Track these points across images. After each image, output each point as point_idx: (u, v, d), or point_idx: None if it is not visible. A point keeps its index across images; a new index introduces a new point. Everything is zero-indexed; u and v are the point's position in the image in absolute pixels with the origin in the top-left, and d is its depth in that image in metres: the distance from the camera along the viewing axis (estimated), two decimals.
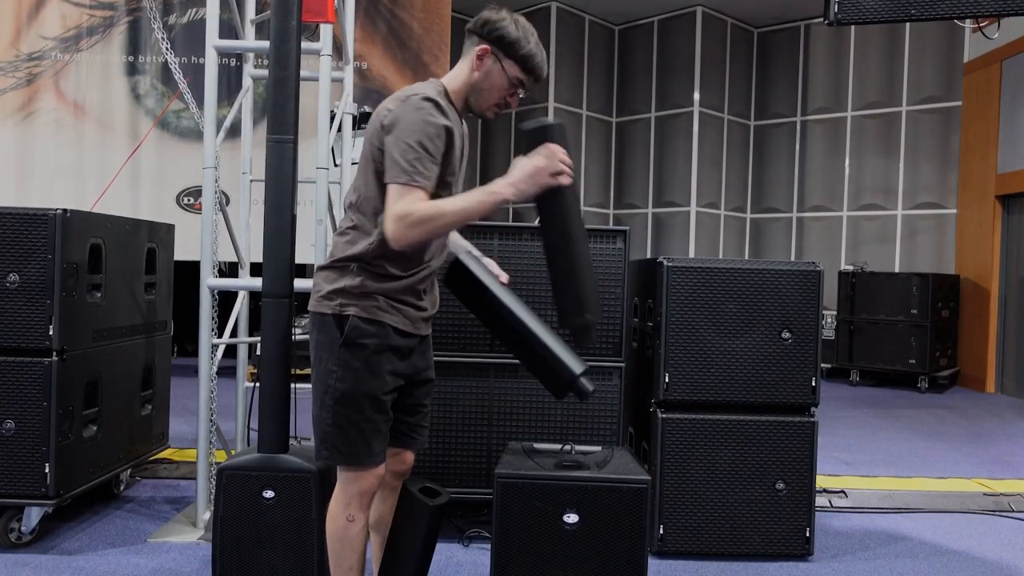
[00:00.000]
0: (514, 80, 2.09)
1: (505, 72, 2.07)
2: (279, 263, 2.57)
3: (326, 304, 2.05)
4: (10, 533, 3.04)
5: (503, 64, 2.07)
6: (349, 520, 2.11)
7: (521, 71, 2.09)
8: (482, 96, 2.11)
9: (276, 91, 2.58)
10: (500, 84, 2.09)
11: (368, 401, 2.04)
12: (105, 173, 6.96)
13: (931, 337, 7.67)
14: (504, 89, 2.10)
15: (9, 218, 2.97)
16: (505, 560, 2.27)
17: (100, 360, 3.32)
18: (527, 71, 2.09)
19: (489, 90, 2.10)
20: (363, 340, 2.02)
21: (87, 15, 6.99)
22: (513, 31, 2.05)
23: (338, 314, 2.03)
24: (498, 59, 2.07)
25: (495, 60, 2.07)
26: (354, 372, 2.02)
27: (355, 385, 2.03)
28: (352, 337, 2.02)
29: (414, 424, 2.25)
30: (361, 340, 2.02)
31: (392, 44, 7.42)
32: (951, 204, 8.56)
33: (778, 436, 3.17)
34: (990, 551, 3.36)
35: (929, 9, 2.88)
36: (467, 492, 3.23)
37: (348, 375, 2.02)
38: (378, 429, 2.07)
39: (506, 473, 2.28)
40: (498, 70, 2.08)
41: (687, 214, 9.49)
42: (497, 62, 2.07)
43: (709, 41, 9.49)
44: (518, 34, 2.06)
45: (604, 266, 3.19)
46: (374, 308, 2.03)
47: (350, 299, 2.03)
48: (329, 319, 2.04)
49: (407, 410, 2.22)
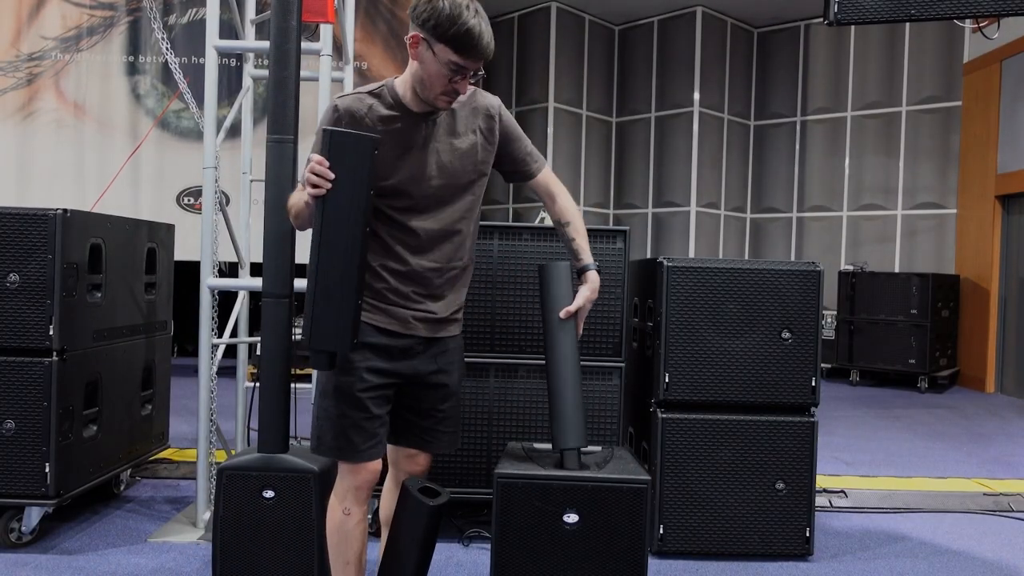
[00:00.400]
0: (449, 64, 1.91)
1: (437, 57, 1.91)
2: (279, 263, 2.57)
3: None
4: (10, 533, 3.04)
5: (434, 49, 1.90)
6: (345, 513, 2.13)
7: (455, 53, 1.89)
8: (424, 86, 1.97)
9: (276, 91, 2.58)
10: (436, 71, 1.92)
11: (341, 396, 2.06)
12: (105, 173, 6.96)
13: (931, 337, 7.67)
14: (443, 76, 1.93)
15: (9, 218, 2.98)
16: (505, 560, 2.27)
17: (100, 360, 3.32)
18: (462, 51, 1.89)
19: (428, 79, 1.94)
20: None
21: (87, 15, 6.99)
22: (442, 9, 1.87)
23: None
24: (429, 45, 1.91)
25: (427, 46, 1.91)
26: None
27: (329, 380, 2.07)
28: None
29: (427, 428, 2.23)
30: None
31: (392, 44, 7.42)
32: (951, 204, 8.56)
33: (778, 436, 3.17)
34: (990, 551, 3.37)
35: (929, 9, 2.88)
36: (467, 492, 3.23)
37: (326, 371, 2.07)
38: (358, 426, 2.07)
39: (506, 473, 2.28)
40: (430, 57, 1.91)
41: (687, 214, 9.49)
42: (428, 48, 1.91)
43: (709, 41, 9.49)
44: (448, 12, 1.86)
45: (604, 266, 3.19)
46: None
47: None
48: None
49: (418, 413, 2.21)
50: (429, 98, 1.99)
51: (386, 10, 7.42)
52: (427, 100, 2.00)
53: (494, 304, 3.22)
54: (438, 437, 2.25)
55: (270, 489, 2.49)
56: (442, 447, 2.27)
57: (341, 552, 2.16)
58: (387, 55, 7.42)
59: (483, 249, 3.20)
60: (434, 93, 1.98)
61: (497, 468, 2.31)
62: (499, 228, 3.23)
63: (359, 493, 2.13)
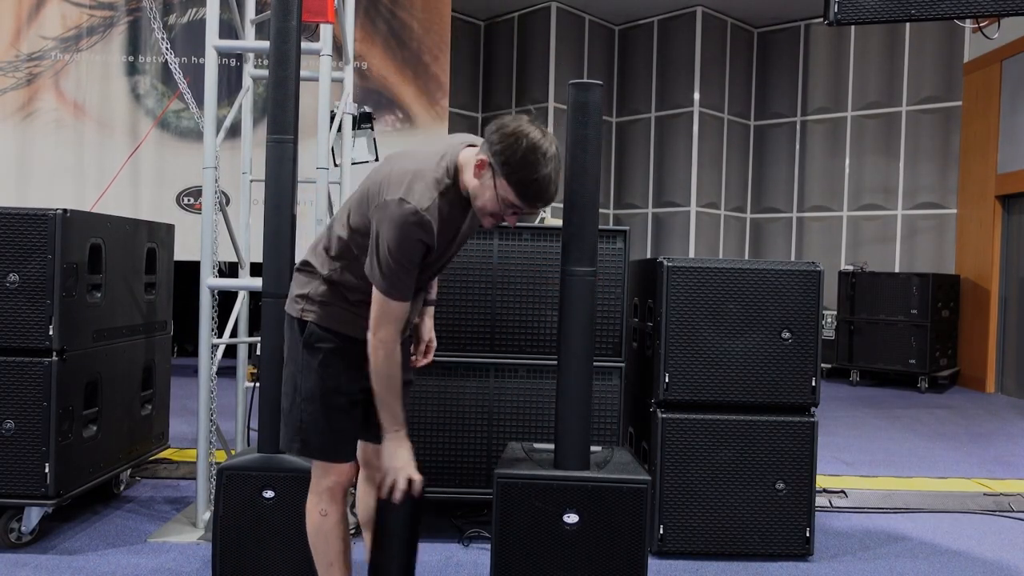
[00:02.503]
0: (507, 202, 1.92)
1: (497, 192, 1.92)
2: (279, 263, 2.57)
3: (293, 307, 2.16)
4: (10, 533, 3.04)
5: (496, 183, 1.91)
6: (322, 514, 2.16)
7: (516, 197, 1.91)
8: (476, 203, 1.98)
9: (276, 91, 2.58)
10: (492, 200, 1.93)
11: (328, 401, 2.11)
12: (105, 173, 6.96)
13: (931, 337, 7.67)
14: (496, 206, 1.94)
15: (9, 218, 2.97)
16: (505, 560, 2.27)
17: (100, 360, 3.32)
18: (523, 198, 1.91)
19: (483, 203, 1.96)
20: (319, 344, 2.10)
21: (87, 15, 6.99)
22: (518, 148, 1.87)
23: (300, 318, 2.13)
24: (494, 175, 1.91)
25: (491, 175, 1.91)
26: (313, 373, 2.11)
27: (315, 386, 2.11)
28: (310, 341, 2.11)
29: None
30: (317, 344, 2.11)
31: (392, 44, 7.42)
32: (951, 204, 8.56)
33: (778, 436, 3.17)
34: (990, 551, 3.36)
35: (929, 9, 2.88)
36: (467, 492, 3.23)
37: (309, 376, 2.11)
38: (342, 428, 2.14)
39: (506, 473, 2.28)
40: (491, 186, 1.92)
41: (687, 214, 9.49)
42: (494, 177, 1.91)
43: (709, 41, 9.49)
44: (523, 156, 1.87)
45: (604, 266, 3.19)
46: (331, 318, 2.11)
47: (312, 305, 2.12)
48: (294, 321, 2.15)
49: None
50: (478, 214, 2.01)
51: (386, 10, 7.41)
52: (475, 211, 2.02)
53: (494, 304, 3.22)
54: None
55: (270, 489, 2.49)
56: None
57: (323, 553, 2.19)
58: (387, 55, 7.42)
59: (483, 250, 3.20)
60: (483, 214, 2.00)
61: (497, 468, 2.31)
62: (499, 228, 3.22)
63: (334, 493, 2.16)
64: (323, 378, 2.10)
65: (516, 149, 1.87)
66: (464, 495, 3.24)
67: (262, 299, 2.61)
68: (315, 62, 3.29)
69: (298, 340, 2.14)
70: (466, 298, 3.21)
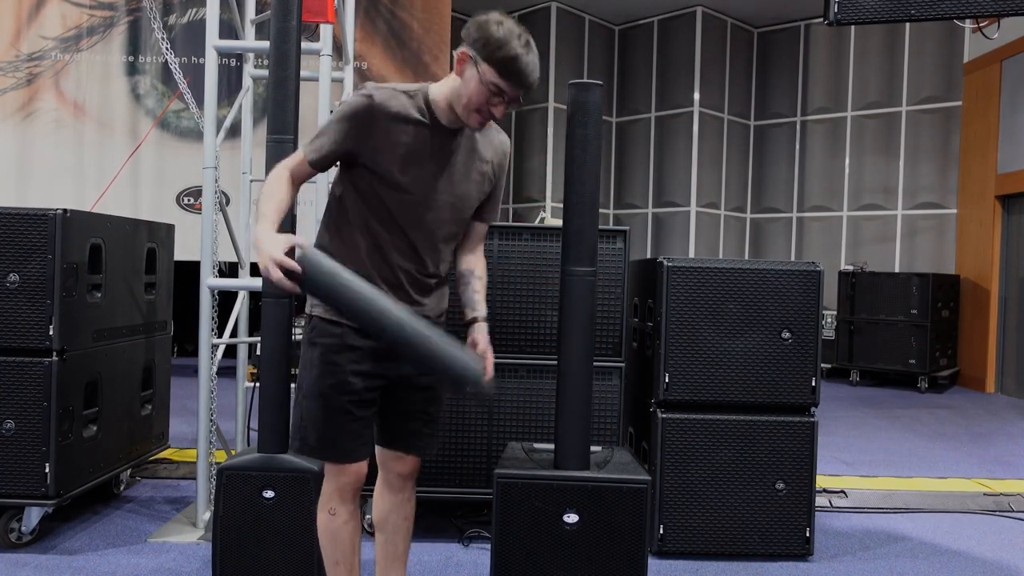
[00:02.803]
0: (491, 86, 1.95)
1: (480, 76, 1.94)
2: None
3: (307, 304, 2.15)
4: (10, 533, 3.04)
5: (479, 68, 1.94)
6: (331, 514, 2.14)
7: (498, 76, 1.93)
8: (461, 103, 1.99)
9: (276, 91, 2.58)
10: (477, 90, 1.95)
11: (326, 399, 2.07)
12: (105, 173, 6.96)
13: (931, 337, 7.67)
14: (482, 95, 1.96)
15: (9, 218, 2.97)
16: (505, 560, 2.27)
17: (100, 360, 3.32)
18: (505, 76, 1.93)
19: (467, 96, 1.97)
20: (321, 339, 2.07)
21: (87, 15, 6.98)
22: (495, 33, 1.92)
23: (308, 314, 2.12)
24: (476, 63, 1.94)
25: (473, 65, 1.95)
26: (313, 369, 2.08)
27: (314, 382, 2.08)
28: (312, 336, 2.09)
29: (413, 430, 2.22)
30: (319, 339, 2.08)
31: (392, 44, 7.42)
32: (951, 204, 8.56)
33: (778, 436, 3.17)
34: (990, 551, 3.36)
35: (929, 9, 2.88)
36: (467, 492, 3.23)
37: (309, 372, 2.09)
38: (343, 427, 2.08)
39: (506, 473, 2.28)
40: (474, 75, 1.95)
41: (687, 214, 9.49)
42: (475, 67, 1.95)
43: (709, 41, 9.49)
44: (499, 36, 1.92)
45: (604, 266, 3.19)
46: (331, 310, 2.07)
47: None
48: (306, 318, 2.14)
49: (404, 414, 2.20)
50: (463, 115, 2.01)
51: (386, 10, 7.41)
52: (461, 116, 2.02)
53: (494, 304, 3.22)
54: (422, 440, 2.24)
55: (270, 489, 2.49)
56: (424, 450, 2.26)
57: (330, 553, 2.18)
58: (387, 55, 7.42)
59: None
60: (469, 111, 1.99)
61: (497, 468, 2.31)
62: (499, 228, 3.22)
63: (343, 493, 2.14)
64: (323, 374, 2.06)
65: (494, 31, 1.93)
66: (464, 495, 3.24)
67: (262, 299, 2.61)
68: (315, 62, 3.29)
69: (305, 337, 2.12)
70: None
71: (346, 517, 2.15)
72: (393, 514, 2.29)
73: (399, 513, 2.29)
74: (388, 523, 2.30)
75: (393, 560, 2.31)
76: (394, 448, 2.22)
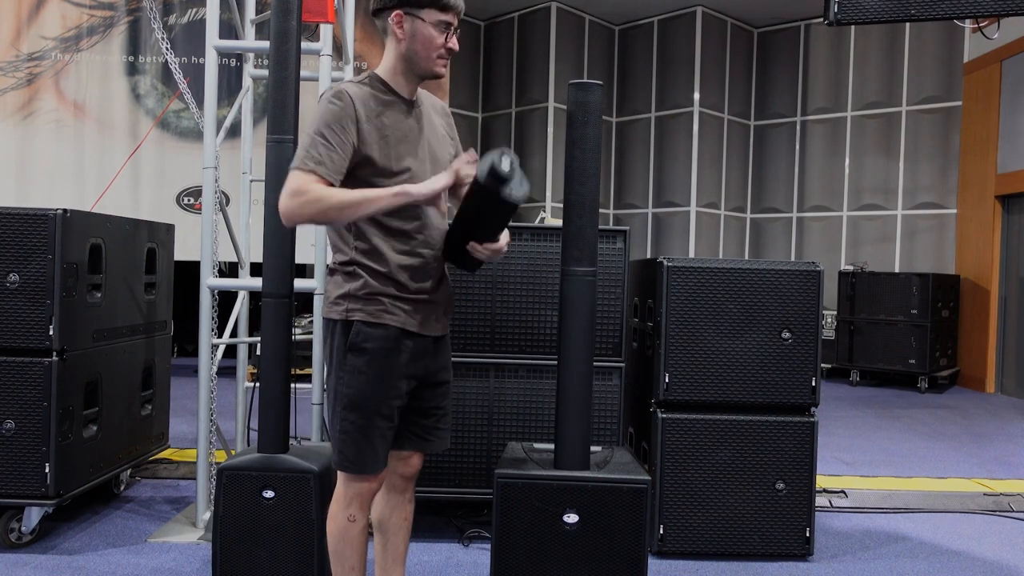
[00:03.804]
0: (439, 24, 2.04)
1: (427, 22, 2.03)
2: (279, 263, 2.57)
3: (335, 310, 2.07)
4: (10, 533, 3.04)
5: (421, 16, 2.03)
6: (350, 520, 2.11)
7: (439, 12, 2.04)
8: (420, 58, 2.06)
9: (276, 91, 2.58)
10: (428, 36, 2.04)
11: (374, 407, 2.04)
12: (105, 173, 6.96)
13: (931, 337, 7.67)
14: (436, 38, 2.05)
15: (9, 218, 2.97)
16: (505, 560, 2.27)
17: (100, 360, 3.32)
18: (444, 8, 2.04)
19: (423, 48, 2.05)
20: (368, 344, 2.03)
21: (87, 15, 6.98)
22: None
23: (345, 320, 2.05)
24: (414, 16, 2.03)
25: (412, 19, 2.03)
26: (360, 376, 2.03)
27: (361, 391, 2.03)
28: (357, 342, 2.03)
29: (429, 427, 2.23)
30: (366, 344, 2.03)
31: None
32: (951, 204, 8.56)
33: (778, 436, 3.17)
34: (990, 551, 3.36)
35: (929, 9, 2.88)
36: (467, 492, 3.23)
37: (355, 380, 2.04)
38: (384, 435, 2.08)
39: (506, 473, 2.28)
40: (420, 25, 2.03)
41: (687, 214, 9.49)
42: (415, 19, 2.03)
43: (709, 41, 9.49)
44: None
45: (604, 266, 3.20)
46: (379, 311, 2.04)
47: (356, 303, 2.04)
48: (338, 325, 2.07)
49: (420, 413, 2.20)
50: (428, 67, 2.07)
51: None
52: (425, 70, 2.08)
53: (494, 304, 3.22)
54: (438, 435, 2.25)
55: (270, 489, 2.49)
56: (441, 445, 2.27)
57: (345, 558, 2.15)
58: None
59: None
60: (431, 59, 2.06)
61: (497, 468, 2.31)
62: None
63: (364, 500, 2.12)
64: (372, 380, 2.03)
65: None
66: (464, 495, 3.24)
67: (262, 299, 2.60)
68: (315, 62, 3.29)
69: (341, 345, 2.05)
70: (466, 298, 3.22)
71: (364, 524, 2.14)
72: (394, 515, 2.29)
73: (400, 514, 2.30)
74: (389, 524, 2.30)
75: (393, 561, 2.31)
76: (403, 448, 2.22)
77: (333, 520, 2.14)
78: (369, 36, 7.34)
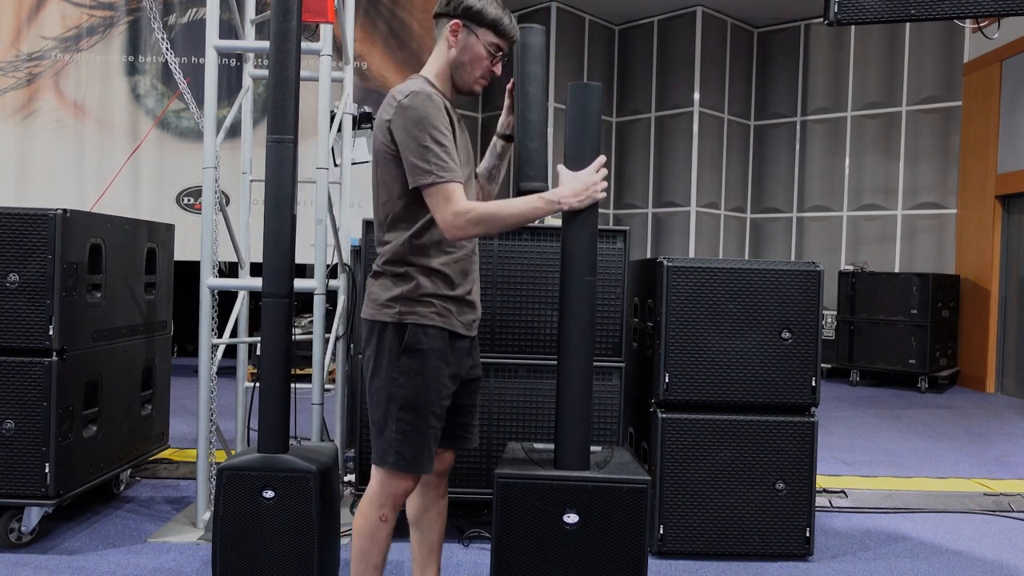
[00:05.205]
0: (490, 47, 2.12)
1: (480, 41, 2.11)
2: (279, 263, 2.57)
3: (385, 312, 2.09)
4: (10, 533, 3.04)
5: (477, 34, 2.10)
6: (382, 520, 2.14)
7: (495, 36, 2.12)
8: (464, 71, 2.14)
9: (276, 91, 2.58)
10: (479, 54, 2.12)
11: (430, 407, 2.09)
12: (105, 173, 6.96)
13: (931, 337, 7.67)
14: (484, 58, 2.13)
15: (9, 218, 2.97)
16: (505, 560, 2.27)
17: (100, 360, 3.32)
18: (500, 35, 2.12)
19: (470, 63, 2.13)
20: (423, 346, 2.07)
21: (87, 15, 6.99)
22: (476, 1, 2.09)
23: (398, 322, 2.08)
24: (471, 30, 2.10)
25: (468, 32, 2.10)
26: (416, 378, 2.07)
27: (417, 392, 2.07)
28: (412, 344, 2.07)
29: (463, 424, 2.29)
30: (421, 347, 2.07)
31: (392, 44, 7.42)
32: (951, 204, 8.56)
33: (778, 436, 3.17)
34: (990, 551, 3.36)
35: (929, 9, 2.88)
36: (467, 492, 3.23)
37: (410, 382, 2.07)
38: (436, 435, 2.13)
39: (506, 473, 2.28)
40: (473, 41, 2.11)
41: (687, 214, 9.49)
42: (471, 34, 2.10)
43: (709, 41, 9.49)
44: (482, 3, 2.10)
45: (604, 266, 3.20)
46: (432, 314, 2.08)
47: (408, 306, 2.07)
48: (389, 327, 2.09)
49: (456, 410, 2.24)
50: (468, 83, 2.16)
51: (386, 10, 7.42)
52: (464, 85, 2.17)
53: (494, 304, 3.22)
54: (471, 432, 2.32)
55: (270, 489, 2.49)
56: (473, 441, 2.33)
57: (370, 557, 2.17)
58: (387, 55, 7.42)
59: (483, 249, 3.20)
60: (474, 77, 2.15)
61: (497, 468, 2.31)
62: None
63: (399, 500, 2.15)
64: (430, 380, 2.07)
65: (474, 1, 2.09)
66: (464, 495, 3.24)
67: (262, 299, 2.60)
68: (315, 62, 3.29)
69: (394, 347, 2.07)
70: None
71: (393, 525, 2.17)
72: (430, 510, 2.35)
73: (435, 509, 2.35)
74: (424, 519, 2.35)
75: (429, 554, 2.37)
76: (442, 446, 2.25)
77: (365, 518, 2.16)
78: (369, 36, 7.34)
